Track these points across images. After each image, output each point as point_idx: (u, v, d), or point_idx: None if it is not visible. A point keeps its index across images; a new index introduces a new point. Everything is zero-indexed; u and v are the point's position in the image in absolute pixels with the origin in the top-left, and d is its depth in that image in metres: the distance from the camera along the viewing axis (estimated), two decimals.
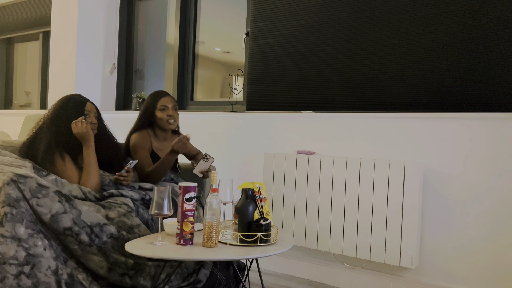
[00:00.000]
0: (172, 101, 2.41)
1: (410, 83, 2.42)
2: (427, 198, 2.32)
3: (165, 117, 2.36)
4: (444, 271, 2.27)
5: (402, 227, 2.24)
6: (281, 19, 2.86)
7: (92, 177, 2.06)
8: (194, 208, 1.70)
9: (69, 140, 2.09)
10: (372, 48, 2.54)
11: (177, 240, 1.70)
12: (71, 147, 2.10)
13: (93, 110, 2.18)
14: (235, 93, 3.21)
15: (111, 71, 3.87)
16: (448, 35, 2.32)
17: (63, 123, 2.10)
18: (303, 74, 2.76)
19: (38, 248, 1.70)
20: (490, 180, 2.16)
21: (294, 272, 2.70)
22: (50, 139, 2.06)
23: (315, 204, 2.51)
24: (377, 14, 2.53)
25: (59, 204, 1.78)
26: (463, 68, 2.28)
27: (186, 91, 3.53)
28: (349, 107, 2.61)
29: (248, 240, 1.72)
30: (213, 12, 3.42)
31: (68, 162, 2.08)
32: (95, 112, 2.19)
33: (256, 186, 1.96)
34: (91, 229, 1.82)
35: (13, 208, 1.70)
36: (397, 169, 2.26)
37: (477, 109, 2.24)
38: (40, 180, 1.80)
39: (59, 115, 2.12)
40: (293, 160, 2.60)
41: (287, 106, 2.83)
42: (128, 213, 1.96)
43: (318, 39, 2.72)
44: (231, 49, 3.31)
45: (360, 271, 2.49)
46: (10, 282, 1.61)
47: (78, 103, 2.15)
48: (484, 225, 2.17)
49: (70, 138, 2.09)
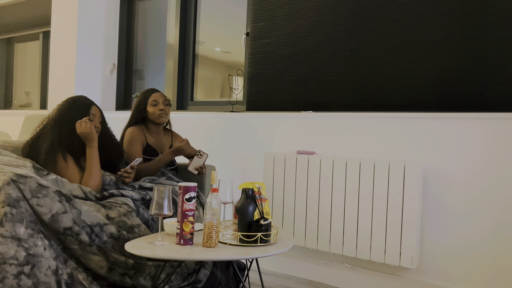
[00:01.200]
0: (162, 96, 2.51)
1: (410, 83, 2.42)
2: (427, 198, 2.32)
3: (157, 111, 2.45)
4: (444, 271, 2.27)
5: (402, 227, 2.24)
6: (281, 19, 2.86)
7: (94, 177, 2.07)
8: (194, 208, 1.70)
9: (73, 141, 2.10)
10: (372, 48, 2.54)
11: (177, 240, 1.70)
12: (74, 148, 2.11)
13: (97, 114, 2.20)
14: (235, 93, 3.21)
15: (111, 71, 3.87)
16: (448, 35, 2.32)
17: (68, 124, 2.11)
18: (303, 74, 2.76)
19: (38, 248, 1.70)
20: (490, 180, 2.16)
21: (294, 272, 2.70)
22: (54, 140, 2.07)
23: (315, 204, 2.51)
24: (377, 14, 2.53)
25: (59, 204, 1.78)
26: (463, 68, 2.28)
27: (186, 91, 3.53)
28: (349, 107, 2.61)
29: (248, 240, 1.72)
30: (213, 12, 3.42)
31: (70, 163, 2.08)
32: (99, 116, 2.21)
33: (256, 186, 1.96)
34: (91, 229, 1.82)
35: (13, 208, 1.70)
36: (397, 169, 2.26)
37: (477, 109, 2.24)
38: (40, 180, 1.80)
39: (64, 116, 2.13)
40: (293, 160, 2.60)
41: (287, 106, 2.83)
42: (128, 213, 1.96)
43: (318, 39, 2.72)
44: (231, 49, 3.31)
45: (360, 271, 2.49)
46: (10, 282, 1.61)
47: (83, 105, 2.17)
48: (484, 225, 2.17)
49: (74, 139, 2.10)
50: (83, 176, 2.09)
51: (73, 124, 2.10)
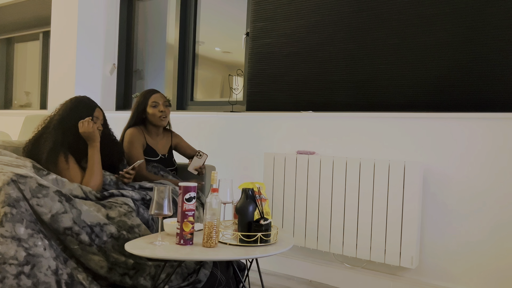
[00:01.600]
0: (162, 98, 2.50)
1: (410, 83, 2.42)
2: (427, 198, 2.32)
3: (157, 113, 2.44)
4: (444, 271, 2.27)
5: (402, 227, 2.24)
6: (281, 19, 2.86)
7: (95, 176, 2.07)
8: (194, 208, 1.70)
9: (75, 142, 2.11)
10: (372, 48, 2.54)
11: (177, 240, 1.70)
12: (76, 149, 2.13)
13: (100, 117, 2.22)
14: (235, 93, 3.21)
15: (111, 71, 3.87)
16: (448, 35, 2.32)
17: (72, 125, 2.13)
18: (303, 74, 2.76)
19: (38, 248, 1.70)
20: (490, 180, 2.16)
21: (294, 272, 2.70)
22: (56, 140, 2.08)
23: (315, 204, 2.51)
24: (377, 14, 2.53)
25: (59, 204, 1.78)
26: (462, 68, 2.28)
27: (186, 91, 3.53)
28: (349, 107, 2.61)
29: (248, 240, 1.72)
30: (213, 12, 3.42)
31: (72, 163, 2.09)
32: (102, 119, 2.23)
33: (256, 186, 1.96)
34: (91, 229, 1.82)
35: (13, 208, 1.70)
36: (397, 169, 2.26)
37: (477, 109, 2.24)
38: (40, 180, 1.80)
39: (68, 116, 2.14)
40: (293, 160, 2.60)
41: (287, 106, 2.83)
42: (128, 213, 1.96)
43: (318, 39, 2.72)
44: (231, 49, 3.31)
45: (360, 271, 2.49)
46: (10, 282, 1.61)
47: (88, 106, 2.18)
48: (484, 225, 2.17)
49: (76, 140, 2.11)
50: (84, 176, 2.10)
51: (77, 124, 2.12)
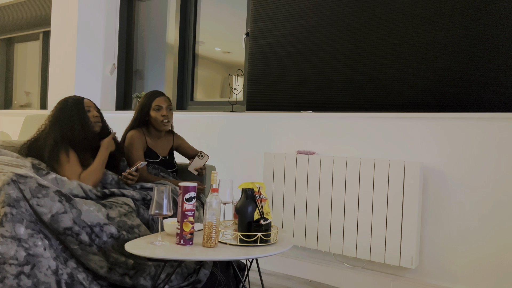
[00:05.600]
0: (166, 101, 2.47)
1: (410, 83, 2.42)
2: (427, 198, 2.32)
3: (159, 118, 2.42)
4: (444, 271, 2.27)
5: (402, 227, 2.24)
6: (281, 19, 2.86)
7: (96, 173, 2.10)
8: (194, 208, 1.70)
9: (73, 137, 2.13)
10: (372, 48, 2.54)
11: (177, 240, 1.70)
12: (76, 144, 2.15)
13: (92, 105, 2.27)
14: (235, 93, 3.21)
15: (111, 71, 3.87)
16: (448, 35, 2.32)
17: (66, 122, 2.16)
18: (303, 74, 2.76)
19: (38, 248, 1.70)
20: (490, 180, 2.16)
21: (294, 272, 2.70)
22: (56, 137, 2.11)
23: (315, 204, 2.51)
24: (377, 14, 2.53)
25: (59, 204, 1.78)
26: (462, 68, 2.28)
27: (186, 91, 3.53)
28: (349, 107, 2.61)
29: (248, 240, 1.72)
30: (213, 12, 3.42)
31: (72, 157, 2.10)
32: (94, 106, 2.28)
33: (256, 186, 1.96)
34: (91, 229, 1.82)
35: (13, 208, 1.70)
36: (397, 169, 2.26)
37: (477, 109, 2.24)
38: (40, 180, 1.80)
39: (60, 116, 2.18)
40: (293, 160, 2.60)
41: (287, 106, 2.83)
42: (128, 213, 1.97)
43: (318, 39, 2.72)
44: (231, 49, 3.31)
45: (360, 271, 2.49)
46: (10, 282, 1.61)
47: (76, 101, 2.23)
48: (484, 225, 2.17)
49: (74, 136, 2.13)
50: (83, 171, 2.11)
51: (71, 121, 2.15)
